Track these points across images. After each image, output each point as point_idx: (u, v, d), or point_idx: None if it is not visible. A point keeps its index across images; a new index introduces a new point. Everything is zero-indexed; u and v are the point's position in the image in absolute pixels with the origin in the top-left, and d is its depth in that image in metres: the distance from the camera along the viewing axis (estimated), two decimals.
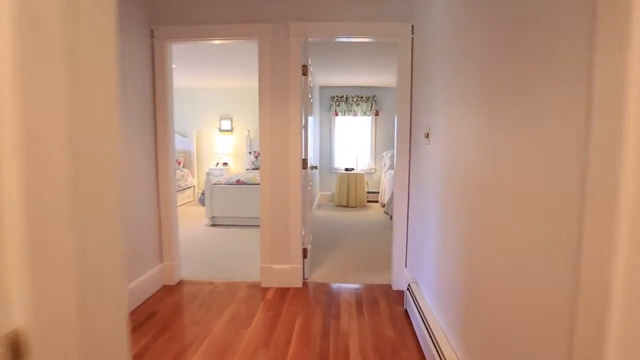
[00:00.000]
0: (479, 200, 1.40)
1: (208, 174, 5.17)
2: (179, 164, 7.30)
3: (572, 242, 0.81)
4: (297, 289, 2.93)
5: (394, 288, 2.92)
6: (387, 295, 2.80)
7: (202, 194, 5.26)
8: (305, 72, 2.90)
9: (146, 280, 2.75)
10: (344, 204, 6.59)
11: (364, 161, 7.27)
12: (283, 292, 2.87)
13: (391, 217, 5.13)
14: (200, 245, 4.10)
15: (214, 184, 5.17)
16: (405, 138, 2.79)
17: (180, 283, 3.06)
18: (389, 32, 2.74)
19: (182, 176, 7.07)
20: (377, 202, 7.08)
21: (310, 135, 3.59)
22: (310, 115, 3.73)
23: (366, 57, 4.80)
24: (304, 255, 3.06)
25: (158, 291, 2.89)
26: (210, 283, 3.04)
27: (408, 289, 2.46)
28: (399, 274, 2.90)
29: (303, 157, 2.97)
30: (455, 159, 1.67)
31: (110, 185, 0.57)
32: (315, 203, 6.24)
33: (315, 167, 3.41)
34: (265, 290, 2.91)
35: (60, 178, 0.46)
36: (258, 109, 2.86)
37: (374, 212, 6.24)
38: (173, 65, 5.45)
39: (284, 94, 2.82)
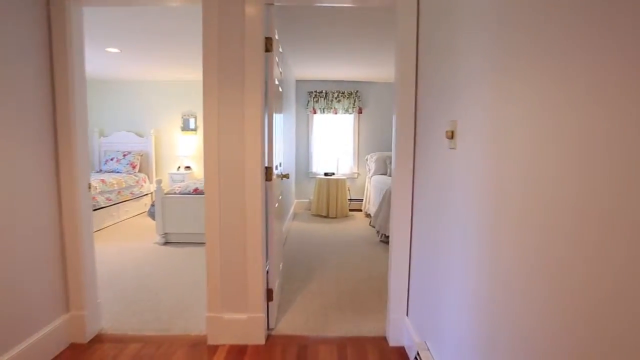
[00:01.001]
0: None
1: (159, 181, 4.28)
2: (134, 167, 6.36)
3: None
4: (257, 347, 2.11)
5: (391, 344, 2.14)
6: (382, 356, 2.03)
7: (153, 205, 4.36)
8: (269, 47, 2.09)
9: (36, 344, 1.88)
10: (323, 213, 5.80)
11: (345, 165, 6.51)
12: (238, 353, 2.06)
13: (378, 232, 4.40)
14: (141, 275, 3.22)
15: (166, 194, 4.29)
16: (408, 140, 2.02)
17: (97, 340, 2.19)
18: None
19: (137, 182, 6.14)
20: (360, 210, 6.33)
21: (280, 135, 2.79)
22: (280, 112, 2.93)
23: (350, 43, 4.03)
24: (269, 298, 2.25)
25: (59, 356, 2.02)
26: (139, 339, 2.19)
27: (416, 358, 1.69)
28: (398, 324, 2.13)
29: (266, 165, 2.17)
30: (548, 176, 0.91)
31: None
32: (290, 213, 5.44)
33: (286, 176, 2.60)
34: (212, 350, 2.08)
35: None
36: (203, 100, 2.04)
37: (358, 223, 5.48)
38: (114, 49, 4.55)
39: (238, 79, 2.00)
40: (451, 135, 1.38)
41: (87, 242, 2.21)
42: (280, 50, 2.72)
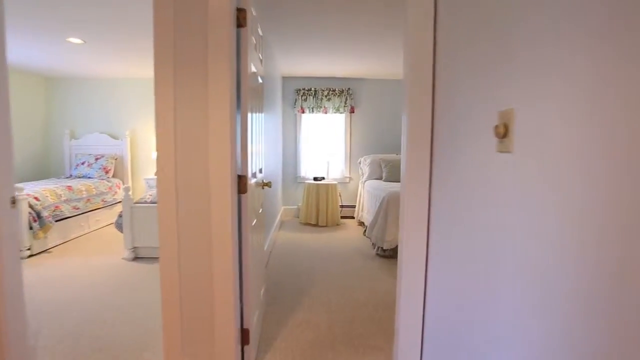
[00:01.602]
0: None
1: (127, 189, 3.78)
2: (107, 172, 5.83)
3: None
4: None
5: None
6: None
7: (120, 216, 3.87)
8: (242, 21, 1.65)
9: None
10: (313, 221, 5.35)
11: (336, 168, 6.07)
12: None
13: (374, 244, 3.96)
14: (99, 299, 2.72)
15: (135, 203, 3.80)
16: (423, 143, 1.58)
17: None
18: None
19: (110, 188, 5.61)
20: (352, 218, 5.89)
21: (261, 136, 2.35)
22: (261, 111, 2.49)
23: (343, 34, 3.60)
24: (244, 341, 1.79)
25: None
26: None
27: None
28: None
29: (240, 174, 1.72)
30: None
31: None
32: (276, 222, 4.98)
33: (268, 185, 2.15)
34: None
35: None
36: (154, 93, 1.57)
37: (351, 232, 5.04)
38: (77, 40, 4.01)
39: (200, 69, 1.55)
40: (503, 133, 0.95)
41: (11, 273, 1.72)
42: (261, 33, 2.27)
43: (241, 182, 1.71)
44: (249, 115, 1.81)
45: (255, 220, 2.04)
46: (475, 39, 1.16)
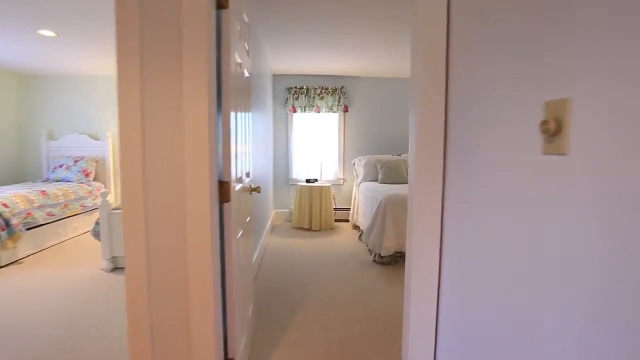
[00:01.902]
0: None
1: (104, 194, 3.50)
2: (87, 175, 5.51)
3: None
4: None
5: None
6: None
7: (98, 223, 3.58)
8: (223, 2, 1.40)
9: None
10: (306, 226, 5.10)
11: (330, 170, 5.83)
12: None
13: (371, 250, 3.73)
14: (69, 318, 2.44)
15: (114, 209, 3.51)
16: (435, 144, 1.35)
17: None
18: None
19: (90, 192, 5.30)
20: (347, 221, 5.66)
21: (248, 136, 2.11)
22: (248, 110, 2.25)
23: (337, 28, 3.37)
24: None
25: None
26: None
27: None
28: None
29: (221, 179, 1.47)
30: None
31: None
32: (267, 227, 4.72)
33: (257, 189, 1.91)
34: None
35: None
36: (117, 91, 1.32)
37: (346, 237, 4.81)
38: (49, 32, 3.69)
39: (173, 59, 1.30)
40: (554, 129, 0.73)
41: None
42: (247, 20, 2.02)
43: (223, 189, 1.47)
44: (233, 113, 1.56)
45: (241, 232, 1.79)
46: (505, 17, 0.94)
